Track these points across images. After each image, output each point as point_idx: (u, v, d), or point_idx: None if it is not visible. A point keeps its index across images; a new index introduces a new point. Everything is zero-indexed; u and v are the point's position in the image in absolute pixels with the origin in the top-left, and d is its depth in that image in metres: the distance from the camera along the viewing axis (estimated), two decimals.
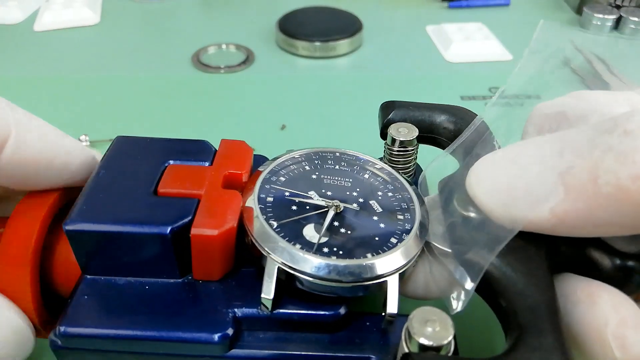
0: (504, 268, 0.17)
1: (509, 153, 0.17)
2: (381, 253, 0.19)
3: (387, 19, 0.59)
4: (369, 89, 0.47)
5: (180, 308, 0.19)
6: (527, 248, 0.18)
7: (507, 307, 0.17)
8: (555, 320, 0.16)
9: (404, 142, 0.24)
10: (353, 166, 0.23)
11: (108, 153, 0.22)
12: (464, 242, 0.18)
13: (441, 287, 0.21)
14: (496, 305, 0.17)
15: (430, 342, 0.16)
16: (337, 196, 0.21)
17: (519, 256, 0.17)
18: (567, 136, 0.16)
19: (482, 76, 0.48)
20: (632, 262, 0.18)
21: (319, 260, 0.18)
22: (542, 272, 0.17)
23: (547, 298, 0.17)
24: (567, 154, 0.16)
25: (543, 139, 0.17)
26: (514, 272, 0.17)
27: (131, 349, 0.19)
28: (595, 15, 0.55)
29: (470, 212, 0.19)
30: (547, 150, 0.16)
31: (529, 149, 0.17)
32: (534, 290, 0.17)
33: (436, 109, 0.25)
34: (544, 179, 0.16)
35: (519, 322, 0.16)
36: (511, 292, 0.17)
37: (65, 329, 0.19)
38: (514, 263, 0.17)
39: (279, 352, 0.19)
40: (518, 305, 0.16)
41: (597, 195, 0.15)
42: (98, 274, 0.20)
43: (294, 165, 0.23)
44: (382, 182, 0.22)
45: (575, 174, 0.15)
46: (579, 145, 0.16)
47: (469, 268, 0.18)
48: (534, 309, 0.16)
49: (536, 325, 0.16)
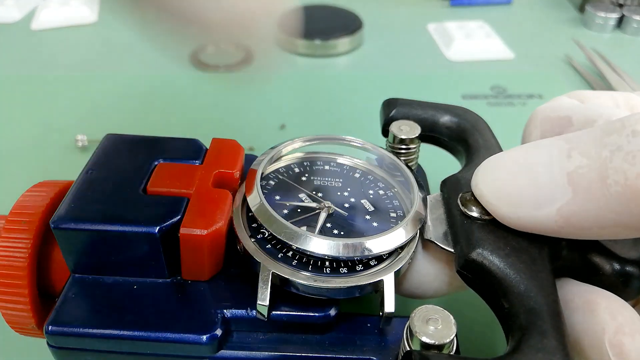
0: (507, 269, 0.17)
1: (516, 154, 0.17)
2: (375, 237, 0.19)
3: (388, 17, 0.59)
4: (370, 87, 0.46)
5: (168, 308, 0.19)
6: (531, 251, 0.18)
7: (509, 309, 0.17)
8: (557, 323, 0.16)
9: (406, 139, 0.23)
10: (343, 165, 0.23)
11: (97, 151, 0.22)
12: (466, 241, 0.18)
13: (438, 286, 0.21)
14: (498, 306, 0.17)
15: (432, 341, 0.16)
16: (329, 197, 0.21)
17: (522, 258, 0.17)
18: (575, 137, 0.16)
19: (484, 75, 0.48)
20: (632, 267, 0.18)
21: None
22: (544, 275, 0.17)
23: (550, 300, 0.16)
24: (575, 154, 0.16)
25: (549, 141, 0.17)
26: (517, 274, 0.17)
27: (118, 349, 0.19)
28: (597, 13, 0.55)
29: (473, 212, 0.18)
30: (555, 151, 0.16)
31: (536, 150, 0.17)
32: (536, 292, 0.16)
33: (439, 108, 0.24)
34: (552, 179, 0.16)
35: (521, 323, 0.16)
36: (514, 294, 0.17)
37: (51, 328, 0.18)
38: (517, 265, 0.17)
39: (269, 354, 0.19)
40: (521, 307, 0.16)
41: (605, 196, 0.15)
42: (86, 272, 0.20)
43: (284, 169, 0.22)
44: (374, 181, 0.22)
45: (583, 174, 0.15)
46: (587, 146, 0.16)
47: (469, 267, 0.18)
48: (536, 310, 0.16)
49: (539, 327, 0.16)
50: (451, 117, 0.24)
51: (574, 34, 0.55)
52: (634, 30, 0.55)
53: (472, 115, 0.24)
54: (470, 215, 0.19)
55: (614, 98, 0.21)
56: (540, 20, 0.59)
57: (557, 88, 0.46)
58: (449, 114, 0.24)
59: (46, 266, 0.21)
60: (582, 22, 0.57)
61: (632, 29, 0.55)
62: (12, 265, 0.19)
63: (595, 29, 0.56)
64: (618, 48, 0.53)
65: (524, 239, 0.18)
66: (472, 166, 0.21)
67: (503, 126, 0.42)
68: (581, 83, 0.47)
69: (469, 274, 0.18)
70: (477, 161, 0.21)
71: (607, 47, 0.52)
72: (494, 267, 0.17)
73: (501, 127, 0.41)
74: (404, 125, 0.24)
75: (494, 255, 0.17)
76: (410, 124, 0.24)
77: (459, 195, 0.19)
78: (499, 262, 0.17)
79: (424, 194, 0.21)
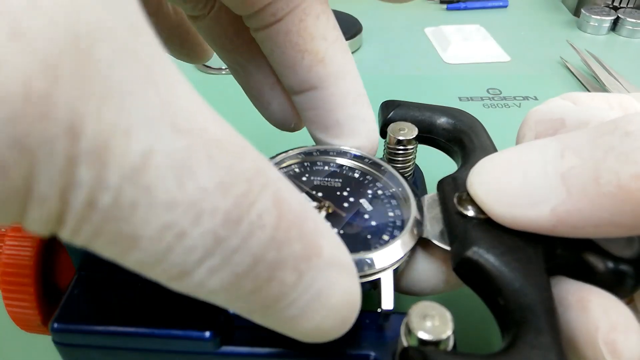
0: (502, 267, 0.17)
1: (510, 154, 0.18)
2: (374, 250, 0.19)
3: (386, 21, 0.60)
4: (368, 90, 0.46)
5: (172, 304, 0.19)
6: (526, 249, 0.18)
7: (505, 306, 0.17)
8: (552, 319, 0.16)
9: (403, 141, 0.24)
10: (343, 165, 0.23)
11: None
12: (462, 240, 0.18)
13: (436, 284, 0.21)
14: (494, 303, 0.17)
15: (429, 337, 0.16)
16: (328, 197, 0.21)
17: (517, 257, 0.17)
18: (568, 138, 0.16)
19: (480, 77, 0.48)
20: (626, 266, 0.18)
21: None
22: (539, 272, 0.17)
23: (545, 298, 0.17)
24: (569, 154, 0.16)
25: (543, 142, 0.17)
26: (512, 272, 0.17)
27: (123, 345, 0.19)
28: (592, 16, 0.56)
29: (469, 212, 0.19)
30: (549, 152, 0.16)
31: (530, 150, 0.17)
32: (531, 289, 0.17)
33: (436, 110, 0.25)
34: (546, 179, 0.16)
35: (516, 320, 0.16)
36: (509, 291, 0.17)
37: (57, 325, 0.19)
38: (512, 263, 0.17)
39: (270, 350, 0.19)
40: (516, 304, 0.16)
41: (598, 195, 0.15)
42: (91, 270, 0.20)
43: (284, 168, 0.23)
44: (373, 180, 0.23)
45: (577, 174, 0.15)
46: (580, 146, 0.16)
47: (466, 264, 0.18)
48: (531, 307, 0.16)
49: (534, 324, 0.16)
50: (448, 119, 0.24)
51: (569, 37, 0.55)
52: (628, 33, 0.55)
53: (468, 116, 0.24)
54: (466, 214, 0.19)
55: (607, 100, 0.21)
56: (535, 24, 0.60)
57: (552, 90, 0.46)
58: (446, 115, 0.24)
59: (52, 264, 0.21)
60: (577, 25, 0.58)
61: (626, 31, 0.55)
62: (19, 263, 0.20)
63: (590, 31, 0.56)
64: (612, 50, 0.53)
65: (519, 238, 0.18)
66: (467, 166, 0.21)
67: (498, 127, 0.42)
68: (576, 85, 0.47)
69: (465, 271, 0.18)
70: (472, 161, 0.21)
71: (601, 50, 0.52)
72: (490, 265, 0.17)
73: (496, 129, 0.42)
74: (402, 127, 0.24)
75: (490, 253, 0.17)
76: (407, 125, 0.24)
77: (455, 195, 0.20)
78: (495, 260, 0.17)
79: (419, 199, 0.21)
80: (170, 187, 0.10)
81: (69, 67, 0.09)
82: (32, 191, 0.09)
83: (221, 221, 0.11)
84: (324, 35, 0.22)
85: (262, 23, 0.21)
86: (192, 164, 0.11)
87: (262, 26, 0.21)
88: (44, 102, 0.09)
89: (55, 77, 0.09)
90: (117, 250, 0.11)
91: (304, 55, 0.22)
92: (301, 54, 0.22)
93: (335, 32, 0.22)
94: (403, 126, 0.24)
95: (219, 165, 0.11)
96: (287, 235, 0.13)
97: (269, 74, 0.25)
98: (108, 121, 0.09)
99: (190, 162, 0.11)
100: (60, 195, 0.09)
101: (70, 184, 0.09)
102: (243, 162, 0.12)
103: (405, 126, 0.24)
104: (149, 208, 0.10)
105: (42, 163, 0.09)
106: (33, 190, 0.09)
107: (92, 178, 0.10)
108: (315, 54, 0.22)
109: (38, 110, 0.09)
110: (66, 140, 0.09)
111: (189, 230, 0.11)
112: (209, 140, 0.11)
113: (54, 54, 0.09)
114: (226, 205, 0.11)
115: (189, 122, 0.11)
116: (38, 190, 0.09)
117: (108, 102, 0.09)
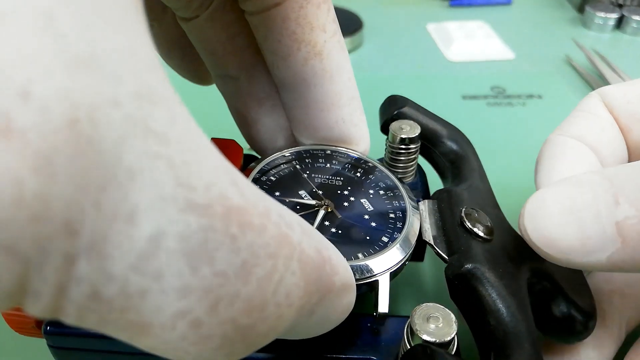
0: (500, 289, 0.18)
1: (559, 195, 0.18)
2: (372, 252, 0.19)
3: (388, 18, 0.59)
4: (370, 88, 0.46)
5: None
6: (518, 277, 0.19)
7: (495, 326, 0.17)
8: (536, 341, 0.17)
9: (406, 139, 0.23)
10: (344, 164, 0.23)
11: None
12: (465, 254, 0.19)
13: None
14: (481, 321, 0.18)
15: (433, 339, 0.16)
16: (328, 195, 0.21)
17: (512, 282, 0.18)
18: (619, 179, 0.17)
19: (484, 75, 0.48)
20: (576, 312, 0.20)
21: None
22: (526, 302, 0.18)
23: (532, 327, 0.17)
24: (623, 202, 0.16)
25: (591, 179, 0.17)
26: (508, 296, 0.17)
27: (117, 348, 0.19)
28: (597, 14, 0.55)
29: (479, 231, 0.19)
30: (601, 197, 0.17)
31: (579, 190, 0.17)
32: (522, 317, 0.17)
33: (441, 125, 0.25)
34: (601, 229, 0.16)
35: (508, 341, 0.17)
36: (502, 314, 0.17)
37: (50, 328, 0.19)
38: (509, 287, 0.18)
39: (268, 354, 0.19)
40: (507, 327, 0.17)
41: None
42: None
43: (285, 165, 0.22)
44: (374, 181, 0.22)
45: (632, 226, 0.16)
46: (634, 194, 0.16)
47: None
48: (522, 333, 0.17)
49: (524, 348, 0.16)
50: (452, 144, 0.24)
51: (573, 34, 0.55)
52: (633, 30, 0.55)
53: (466, 140, 0.25)
54: (474, 231, 0.19)
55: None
56: (539, 21, 0.59)
57: (556, 88, 0.46)
58: (451, 139, 0.24)
59: None
60: (581, 22, 0.57)
61: (631, 29, 0.55)
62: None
63: (594, 29, 0.56)
64: (617, 48, 0.53)
65: (513, 265, 0.19)
66: (465, 184, 0.22)
67: (503, 127, 0.42)
68: (581, 83, 0.47)
69: (461, 284, 0.18)
70: (469, 182, 0.22)
71: (606, 47, 0.52)
72: (489, 284, 0.18)
73: (501, 128, 0.41)
74: (405, 125, 0.24)
75: (490, 272, 0.18)
76: (410, 123, 0.24)
77: (459, 209, 0.20)
78: (494, 280, 0.18)
79: (418, 204, 0.21)
80: (183, 272, 0.09)
81: (66, 160, 0.08)
82: (26, 289, 0.08)
83: (242, 309, 0.10)
84: (323, 26, 0.21)
85: (259, 6, 0.20)
86: (209, 247, 0.10)
87: (259, 10, 0.20)
88: (37, 202, 0.08)
89: (49, 174, 0.08)
90: (127, 336, 0.10)
91: (300, 46, 0.21)
92: (297, 44, 0.21)
93: (335, 25, 0.21)
94: (405, 124, 0.24)
95: (240, 245, 0.10)
96: (311, 299, 0.12)
97: (261, 88, 0.24)
98: (108, 210, 0.08)
99: (207, 245, 0.09)
100: (58, 292, 0.09)
101: (69, 280, 0.08)
102: (266, 233, 0.11)
103: (407, 124, 0.24)
104: (159, 295, 0.09)
105: (37, 265, 0.08)
106: (27, 288, 0.08)
107: (93, 271, 0.09)
108: (313, 46, 0.21)
109: (31, 212, 0.08)
110: (63, 239, 0.08)
111: (205, 320, 0.10)
112: (228, 213, 0.10)
113: (49, 148, 0.08)
114: (248, 291, 0.10)
115: (206, 194, 0.10)
116: (32, 287, 0.08)
117: (109, 188, 0.08)
